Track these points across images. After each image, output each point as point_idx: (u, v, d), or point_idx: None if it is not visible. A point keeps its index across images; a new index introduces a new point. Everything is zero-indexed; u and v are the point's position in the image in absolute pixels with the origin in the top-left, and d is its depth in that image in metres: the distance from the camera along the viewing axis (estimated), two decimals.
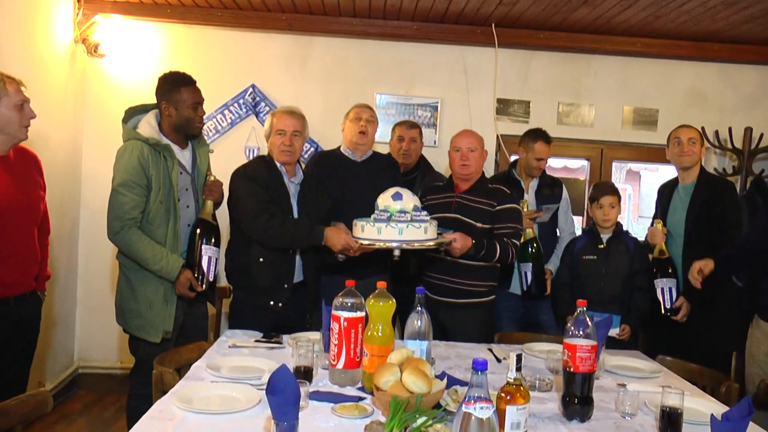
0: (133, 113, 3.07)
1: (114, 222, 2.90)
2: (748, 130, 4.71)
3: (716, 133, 4.77)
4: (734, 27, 4.29)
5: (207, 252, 3.00)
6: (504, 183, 3.82)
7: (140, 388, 2.99)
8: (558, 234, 3.88)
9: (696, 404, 2.14)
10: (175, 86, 3.00)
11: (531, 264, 3.57)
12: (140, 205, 2.90)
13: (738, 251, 3.18)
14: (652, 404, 2.07)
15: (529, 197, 3.82)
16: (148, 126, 2.99)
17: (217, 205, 3.16)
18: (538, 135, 3.80)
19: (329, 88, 4.71)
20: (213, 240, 3.02)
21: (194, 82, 3.06)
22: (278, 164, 3.16)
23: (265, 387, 1.58)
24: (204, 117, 3.14)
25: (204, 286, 2.99)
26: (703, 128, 3.65)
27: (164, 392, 2.08)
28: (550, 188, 3.86)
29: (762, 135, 4.67)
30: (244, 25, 4.58)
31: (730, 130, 4.71)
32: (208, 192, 3.12)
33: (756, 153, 4.70)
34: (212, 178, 3.16)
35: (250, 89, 4.65)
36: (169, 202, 2.95)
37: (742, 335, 3.49)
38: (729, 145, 4.73)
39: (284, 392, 1.55)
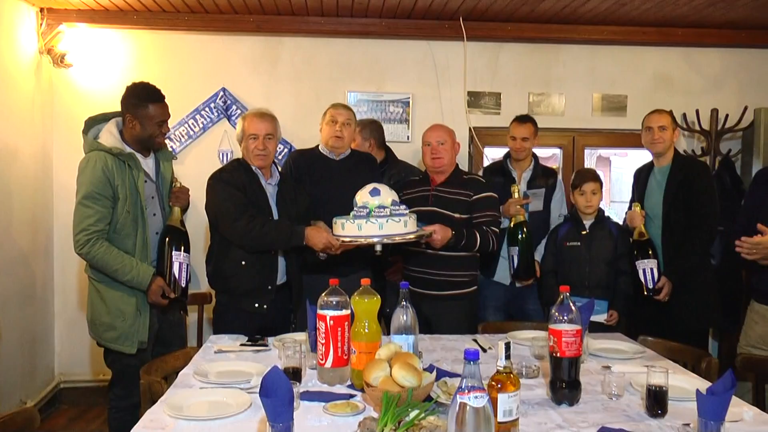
0: (93, 123, 3.03)
1: (80, 235, 2.85)
2: (715, 112, 4.80)
3: (684, 115, 4.85)
4: (696, 11, 4.37)
5: (177, 258, 2.98)
6: (497, 173, 3.87)
7: (120, 401, 2.98)
8: (550, 223, 3.88)
9: (679, 381, 2.18)
10: (143, 101, 2.95)
11: (518, 248, 3.60)
12: (107, 217, 2.86)
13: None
14: (638, 384, 2.11)
15: (522, 187, 3.83)
16: (110, 135, 2.94)
17: (183, 211, 3.14)
18: (515, 117, 3.86)
19: (300, 88, 4.70)
20: (183, 246, 3.01)
21: (163, 98, 3.02)
22: (254, 167, 3.14)
23: (254, 390, 1.58)
24: (167, 132, 3.12)
25: (177, 292, 2.97)
26: (671, 111, 3.72)
27: (153, 401, 2.06)
28: (544, 178, 3.88)
29: (727, 116, 4.76)
30: (211, 28, 4.55)
31: (697, 112, 4.80)
32: (174, 199, 3.10)
33: (723, 133, 4.79)
34: (178, 185, 3.15)
35: (221, 93, 4.62)
36: (136, 212, 2.93)
37: (719, 312, 3.58)
38: (697, 127, 4.82)
39: (278, 393, 1.55)
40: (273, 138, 3.15)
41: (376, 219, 2.76)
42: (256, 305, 3.06)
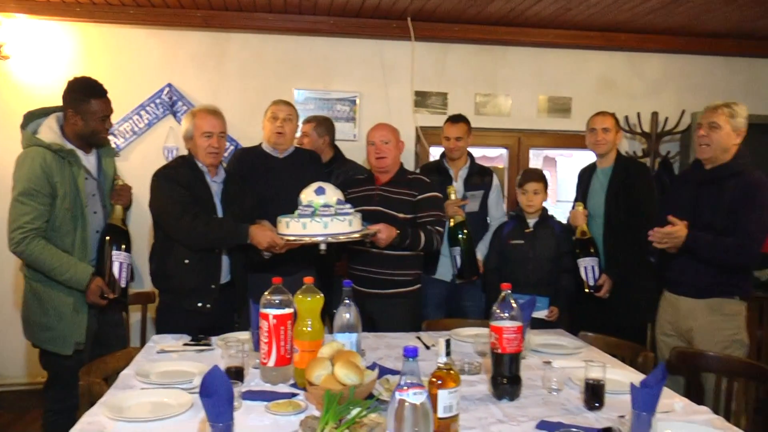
0: (33, 117, 2.94)
1: (15, 233, 2.77)
2: (655, 115, 4.93)
3: (626, 118, 4.97)
4: (639, 18, 4.49)
5: (118, 258, 2.92)
6: (434, 172, 3.90)
7: (56, 404, 2.90)
8: (489, 221, 3.96)
9: (617, 375, 2.24)
10: (85, 96, 2.88)
11: (459, 248, 3.64)
12: (44, 215, 2.78)
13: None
14: (577, 378, 2.15)
15: (458, 185, 3.88)
16: (49, 131, 2.87)
17: (126, 209, 3.07)
18: (448, 117, 3.90)
19: (247, 85, 4.64)
20: (124, 245, 2.95)
21: (105, 93, 2.95)
22: (200, 164, 3.10)
23: (196, 390, 1.56)
24: (111, 128, 3.05)
25: (116, 293, 2.91)
26: (614, 114, 3.81)
27: (93, 404, 2.00)
28: (480, 176, 3.94)
29: (667, 119, 4.90)
30: (158, 22, 4.46)
31: (638, 115, 4.94)
32: (116, 197, 3.03)
33: (662, 136, 4.94)
34: (121, 183, 3.08)
35: (167, 88, 4.53)
36: (76, 209, 2.85)
37: (655, 308, 3.69)
38: (638, 129, 4.96)
39: (218, 393, 1.53)
40: (224, 136, 3.13)
41: (321, 218, 2.75)
42: (200, 304, 3.02)
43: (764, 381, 2.29)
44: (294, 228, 2.79)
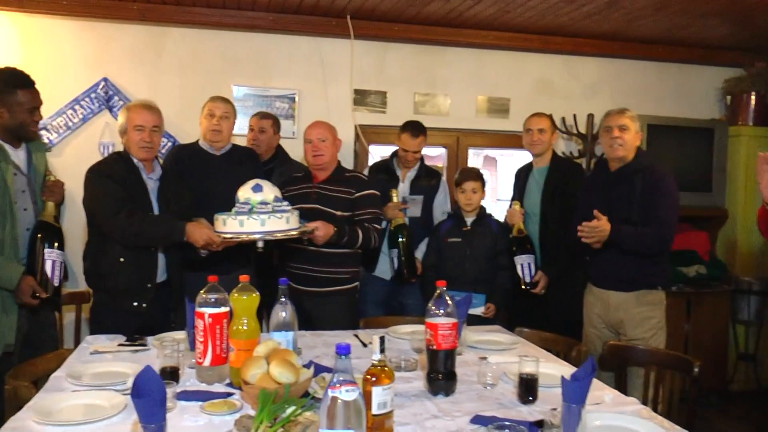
0: None
1: None
2: (591, 116, 5.06)
3: (563, 119, 5.09)
4: (575, 22, 4.60)
5: (50, 256, 2.84)
6: (382, 172, 3.91)
7: None
8: (433, 223, 3.96)
9: (550, 369, 2.29)
10: (11, 87, 2.78)
11: (397, 250, 3.66)
12: None
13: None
14: (511, 373, 2.18)
15: (405, 186, 3.91)
16: None
17: (58, 206, 2.98)
18: (406, 126, 3.90)
19: (185, 81, 4.55)
20: (56, 243, 2.86)
21: (33, 83, 2.85)
22: (135, 160, 3.03)
23: (130, 391, 1.52)
24: (41, 121, 2.96)
25: (48, 292, 2.82)
26: (550, 115, 3.90)
27: (19, 408, 1.93)
28: (427, 179, 3.97)
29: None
30: (92, 15, 4.32)
31: (574, 116, 5.05)
32: (48, 193, 2.95)
33: (597, 137, 5.05)
34: (53, 178, 3.00)
35: (102, 83, 4.40)
36: (4, 206, 2.75)
37: None
38: (574, 131, 5.07)
39: (150, 394, 1.51)
40: (158, 130, 3.06)
41: (258, 215, 2.72)
42: (135, 304, 2.96)
43: (689, 372, 2.37)
44: (231, 226, 2.75)
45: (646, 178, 3.14)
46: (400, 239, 3.66)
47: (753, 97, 5.17)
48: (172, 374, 2.12)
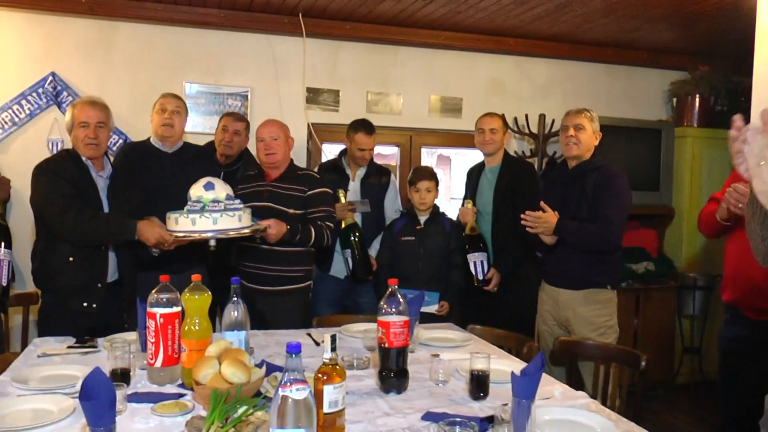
0: None
1: None
2: (542, 117, 5.15)
3: (515, 119, 5.16)
4: (525, 24, 4.68)
5: None
6: (332, 171, 3.91)
7: None
8: (385, 221, 3.99)
9: (502, 365, 2.32)
10: None
11: (350, 249, 3.68)
12: None
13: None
14: (463, 370, 2.21)
15: (355, 185, 3.92)
16: None
17: (4, 204, 2.91)
18: (358, 126, 3.90)
19: (136, 77, 4.47)
20: (2, 242, 2.79)
21: None
22: (84, 158, 2.98)
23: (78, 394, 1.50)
24: None
25: None
26: (503, 115, 3.96)
27: None
28: (378, 177, 3.98)
29: (554, 121, 5.12)
30: (39, 7, 4.20)
31: (526, 116, 5.13)
32: None
33: (549, 137, 5.15)
34: None
35: (50, 77, 4.29)
36: None
37: None
38: (526, 130, 5.15)
39: (99, 396, 1.48)
40: (105, 127, 3.00)
41: (210, 213, 2.70)
42: (85, 304, 2.91)
43: (637, 366, 2.43)
44: (183, 224, 2.72)
45: (599, 176, 3.21)
46: (353, 238, 3.68)
47: (697, 100, 5.33)
48: (122, 376, 2.09)
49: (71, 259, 2.89)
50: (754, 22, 3.32)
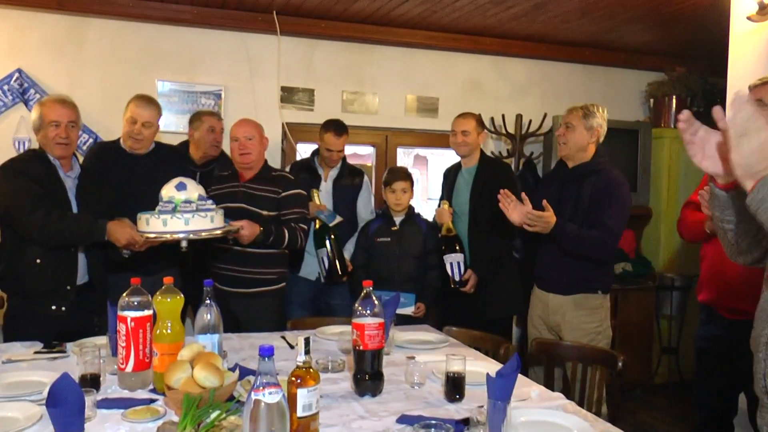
0: None
1: None
2: (519, 117, 5.19)
3: (492, 119, 5.20)
4: (502, 24, 4.72)
5: None
6: (304, 170, 3.91)
7: None
8: (358, 222, 3.99)
9: (478, 367, 2.32)
10: None
11: (326, 249, 3.67)
12: None
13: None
14: (439, 372, 2.21)
15: (327, 186, 3.92)
16: None
17: None
18: (329, 126, 3.89)
19: (107, 74, 4.43)
20: None
21: None
22: (52, 158, 2.95)
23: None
24: None
25: None
26: (480, 115, 3.98)
27: None
28: (351, 177, 3.99)
29: (531, 121, 5.17)
30: (6, 1, 4.14)
31: (503, 116, 5.17)
32: None
33: (526, 137, 5.20)
34: None
35: (16, 74, 4.23)
36: None
37: (521, 301, 3.90)
38: (503, 131, 5.19)
39: (67, 402, 1.48)
40: (75, 126, 2.98)
41: (182, 214, 2.69)
42: (54, 308, 2.88)
43: (614, 366, 2.46)
44: (154, 225, 2.71)
45: (598, 181, 3.15)
46: (327, 239, 3.68)
47: (674, 101, 5.42)
48: (92, 381, 2.07)
49: (39, 260, 2.86)
50: (728, 24, 3.40)
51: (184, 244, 2.74)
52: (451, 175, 3.98)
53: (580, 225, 3.12)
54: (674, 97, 5.41)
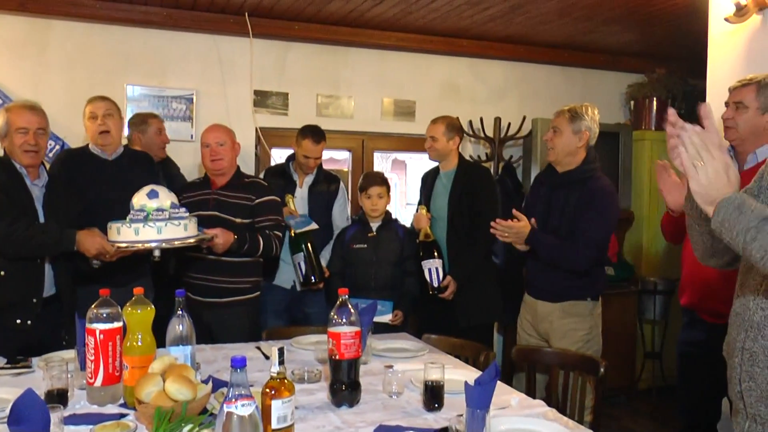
0: None
1: None
2: (498, 120, 5.23)
3: (470, 123, 5.24)
4: (479, 25, 4.76)
5: None
6: (279, 176, 3.91)
7: None
8: (333, 229, 4.00)
9: (457, 375, 2.33)
10: None
11: (303, 254, 3.67)
12: None
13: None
14: (417, 381, 2.22)
15: (303, 192, 3.93)
16: None
17: None
18: (307, 132, 3.91)
19: (73, 79, 4.39)
20: None
21: None
22: (18, 166, 2.92)
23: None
24: None
25: None
26: (457, 118, 4.01)
27: None
28: (326, 184, 4.00)
29: (510, 124, 5.22)
30: None
31: (481, 120, 5.22)
32: None
33: (505, 141, 5.24)
34: None
35: None
36: None
37: (501, 307, 3.93)
38: (482, 134, 5.23)
39: (30, 420, 1.46)
40: (44, 133, 2.97)
41: (155, 222, 2.68)
42: (19, 321, 2.85)
43: (596, 372, 2.49)
44: (126, 234, 2.70)
45: (584, 189, 3.15)
46: (304, 244, 3.68)
47: (654, 103, 5.49)
48: (59, 397, 2.05)
49: (3, 272, 2.83)
50: (707, 25, 3.46)
51: (156, 253, 2.73)
52: (429, 180, 4.01)
53: (565, 233, 3.13)
54: (655, 98, 5.48)
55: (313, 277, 3.69)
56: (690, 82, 5.41)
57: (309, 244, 3.69)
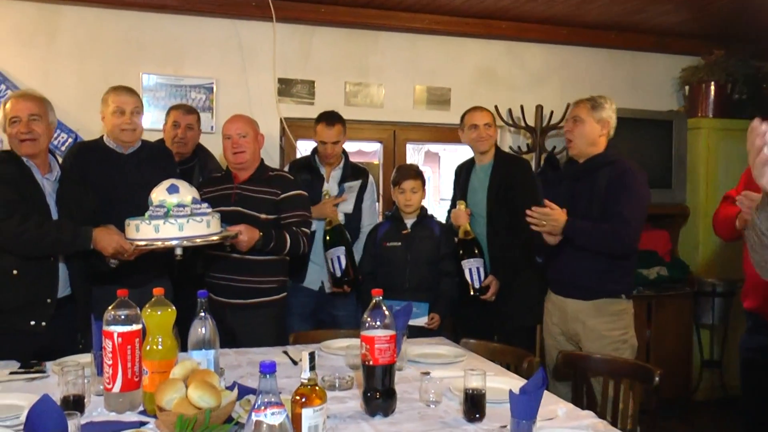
0: None
1: None
2: (539, 108, 5.18)
3: (509, 111, 5.19)
4: (519, 5, 4.71)
5: None
6: (304, 169, 3.92)
7: None
8: (360, 229, 4.01)
9: (499, 383, 2.32)
10: None
11: (344, 248, 3.68)
12: None
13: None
14: (456, 389, 2.23)
15: (331, 186, 3.93)
16: None
17: None
18: (320, 117, 3.94)
19: (85, 68, 4.43)
20: None
21: None
22: (26, 159, 2.96)
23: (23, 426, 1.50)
24: None
25: None
26: (496, 107, 3.98)
27: None
28: (354, 178, 4.00)
29: (552, 112, 5.17)
30: None
31: (522, 108, 5.16)
32: None
33: (548, 130, 5.19)
34: None
35: None
36: None
37: (543, 309, 3.90)
38: (522, 123, 5.18)
39: (46, 428, 1.48)
40: (41, 120, 2.96)
41: (176, 219, 2.69)
42: (33, 323, 2.88)
43: (650, 381, 2.46)
44: (145, 231, 2.72)
45: (612, 172, 3.19)
46: (340, 237, 3.68)
47: (712, 88, 5.39)
48: (75, 404, 2.07)
49: (15, 272, 2.86)
50: None
51: (178, 251, 2.75)
52: (463, 173, 4.00)
53: (596, 220, 3.15)
54: (712, 83, 5.38)
55: (352, 274, 3.68)
56: (753, 64, 5.30)
57: (347, 240, 3.69)
